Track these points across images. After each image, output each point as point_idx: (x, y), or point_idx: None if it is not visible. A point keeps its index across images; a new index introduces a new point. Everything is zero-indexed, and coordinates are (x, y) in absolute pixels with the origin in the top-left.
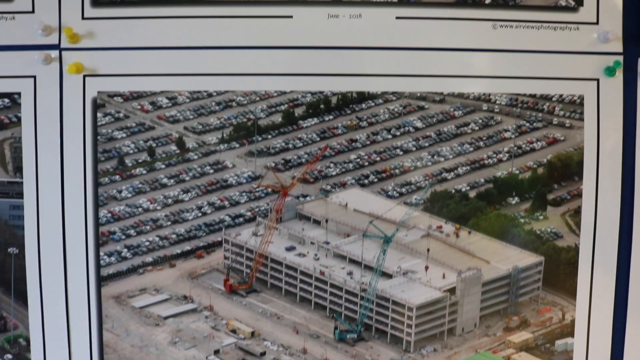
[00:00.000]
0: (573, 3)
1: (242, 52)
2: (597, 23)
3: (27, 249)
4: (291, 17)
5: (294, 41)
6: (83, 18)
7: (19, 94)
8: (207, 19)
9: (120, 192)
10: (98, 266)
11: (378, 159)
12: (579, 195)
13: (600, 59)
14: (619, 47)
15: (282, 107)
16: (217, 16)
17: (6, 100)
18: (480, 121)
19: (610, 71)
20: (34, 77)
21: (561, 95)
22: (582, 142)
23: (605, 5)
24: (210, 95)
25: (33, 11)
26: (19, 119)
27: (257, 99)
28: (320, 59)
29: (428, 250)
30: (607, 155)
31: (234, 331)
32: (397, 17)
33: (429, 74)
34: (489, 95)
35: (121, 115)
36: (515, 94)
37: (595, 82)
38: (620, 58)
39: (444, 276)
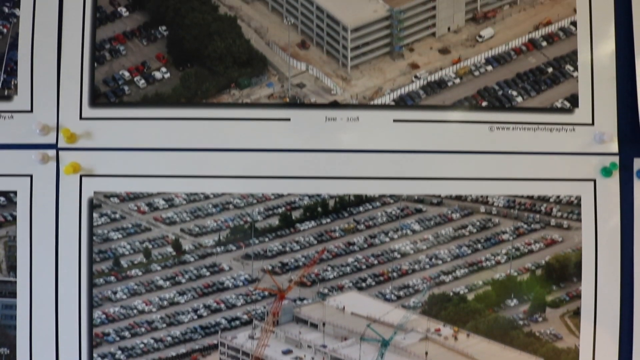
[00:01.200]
0: (568, 105)
1: (239, 154)
2: (592, 124)
3: (18, 350)
4: (289, 119)
5: (292, 144)
6: (81, 118)
7: (15, 192)
8: (204, 121)
9: (115, 293)
10: None
11: (376, 262)
12: (578, 296)
13: (597, 160)
14: (614, 147)
15: (280, 210)
16: (214, 118)
17: (2, 198)
18: (478, 223)
19: (606, 172)
20: (31, 176)
21: (558, 196)
22: (580, 243)
23: (600, 106)
24: (207, 197)
25: (32, 110)
26: (14, 217)
27: (255, 201)
28: (317, 161)
29: (426, 353)
30: (606, 256)
31: None
32: (394, 120)
33: (427, 176)
34: (487, 197)
35: (117, 216)
36: (512, 196)
37: (592, 183)
38: (616, 159)
39: None
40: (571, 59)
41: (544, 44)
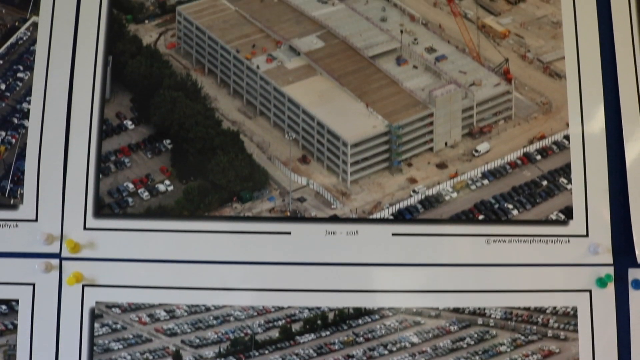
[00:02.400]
0: (563, 217)
1: (240, 267)
2: (587, 235)
3: None
4: (289, 233)
5: (292, 257)
6: (85, 228)
7: (16, 301)
8: (206, 233)
9: None
10: None
11: None
12: None
13: (592, 271)
14: (609, 258)
15: (280, 323)
16: (216, 231)
17: (3, 306)
18: (476, 335)
19: (602, 282)
20: (33, 284)
21: (555, 307)
22: (578, 354)
23: (594, 218)
24: (208, 309)
25: (36, 220)
26: (15, 326)
27: (255, 314)
28: (317, 275)
29: None
30: None
31: None
32: (393, 234)
33: (425, 289)
34: (484, 309)
35: (119, 326)
36: (509, 307)
37: (588, 294)
38: (611, 269)
39: None
40: (565, 172)
41: (539, 157)
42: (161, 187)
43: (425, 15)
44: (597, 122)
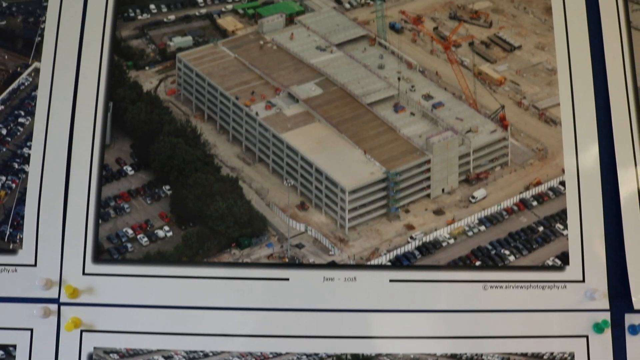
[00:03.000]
0: (560, 262)
1: (238, 313)
2: (583, 281)
3: None
4: (288, 279)
5: (290, 303)
6: (84, 273)
7: (14, 346)
8: (205, 279)
9: None
10: None
11: None
12: None
13: (588, 316)
14: (605, 304)
15: None
16: (215, 277)
17: (1, 352)
18: None
19: (598, 328)
20: (31, 330)
21: (552, 353)
22: None
23: (590, 263)
24: (206, 355)
25: (35, 265)
26: None
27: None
28: (315, 321)
29: None
30: None
31: None
32: (390, 280)
33: (423, 335)
34: (481, 355)
35: None
36: (507, 353)
37: (585, 339)
38: (608, 315)
39: None
40: (561, 217)
41: (535, 203)
42: (160, 233)
43: (422, 62)
44: (592, 168)
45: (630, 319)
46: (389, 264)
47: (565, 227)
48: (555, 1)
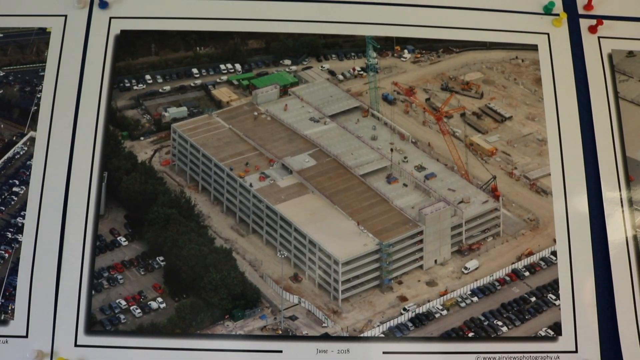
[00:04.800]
0: (552, 333)
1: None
2: (576, 351)
3: None
4: (281, 351)
5: None
6: (76, 345)
7: None
8: (198, 351)
9: None
10: None
11: None
12: None
13: None
14: None
15: None
16: (208, 349)
17: None
18: None
19: None
20: None
21: None
22: None
23: (583, 334)
24: None
25: (27, 336)
26: None
27: None
28: None
29: None
30: None
31: None
32: (384, 352)
33: None
34: None
35: None
36: None
37: None
38: None
39: None
40: (553, 288)
41: (527, 274)
42: (153, 305)
43: (414, 133)
44: (583, 238)
45: None
46: (382, 335)
47: (558, 297)
48: (544, 72)
